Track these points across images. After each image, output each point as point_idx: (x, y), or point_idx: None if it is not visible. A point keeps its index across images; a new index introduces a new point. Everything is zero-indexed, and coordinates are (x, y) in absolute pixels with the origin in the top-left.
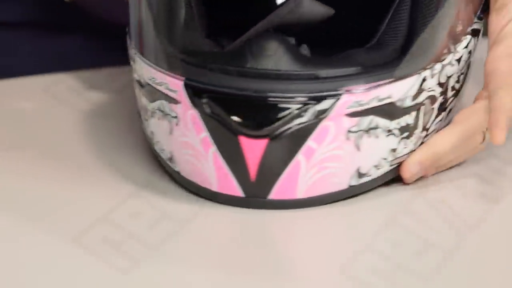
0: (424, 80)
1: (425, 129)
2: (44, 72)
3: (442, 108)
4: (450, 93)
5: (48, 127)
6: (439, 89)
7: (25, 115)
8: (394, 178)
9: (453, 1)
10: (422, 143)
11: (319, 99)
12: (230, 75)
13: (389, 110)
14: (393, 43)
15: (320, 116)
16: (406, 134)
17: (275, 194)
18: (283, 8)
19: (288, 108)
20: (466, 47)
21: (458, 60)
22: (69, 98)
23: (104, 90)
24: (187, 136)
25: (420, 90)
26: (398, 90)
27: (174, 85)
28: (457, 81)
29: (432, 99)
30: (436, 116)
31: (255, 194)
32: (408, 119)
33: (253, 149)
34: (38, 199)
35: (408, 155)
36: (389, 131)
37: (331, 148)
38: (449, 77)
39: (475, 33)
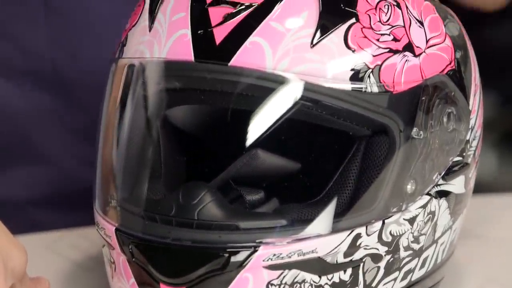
0: (358, 236)
1: (369, 287)
2: None
3: (394, 268)
4: (404, 253)
5: None
6: (384, 248)
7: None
8: None
9: (394, 164)
10: None
11: (235, 250)
12: (154, 223)
13: (316, 265)
14: (320, 201)
15: (237, 267)
16: None
17: None
18: (239, 160)
19: (205, 258)
20: (423, 207)
21: (411, 220)
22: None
23: None
24: (121, 282)
25: (354, 247)
26: (324, 245)
27: (109, 231)
28: (415, 241)
29: (375, 257)
30: (386, 275)
31: None
32: (343, 275)
33: None
34: None
35: None
36: (319, 286)
37: None
38: (397, 236)
39: (441, 194)
